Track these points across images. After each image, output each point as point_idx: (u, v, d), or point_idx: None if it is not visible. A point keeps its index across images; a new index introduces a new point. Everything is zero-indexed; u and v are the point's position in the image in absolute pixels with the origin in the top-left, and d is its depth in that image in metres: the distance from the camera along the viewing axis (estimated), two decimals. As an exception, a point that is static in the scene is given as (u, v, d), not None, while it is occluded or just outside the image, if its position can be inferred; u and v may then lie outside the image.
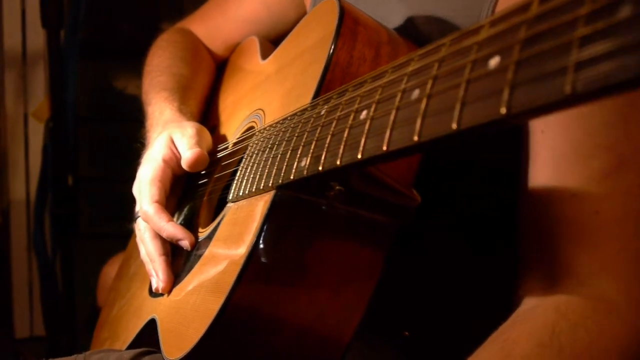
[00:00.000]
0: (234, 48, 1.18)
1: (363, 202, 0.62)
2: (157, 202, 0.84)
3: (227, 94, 1.07)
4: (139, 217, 0.89)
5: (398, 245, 0.65)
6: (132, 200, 0.92)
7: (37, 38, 2.08)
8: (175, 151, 0.88)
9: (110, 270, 1.30)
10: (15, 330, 2.19)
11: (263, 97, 0.86)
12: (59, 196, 1.87)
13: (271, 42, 1.09)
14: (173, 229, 0.82)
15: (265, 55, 0.96)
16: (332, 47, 0.67)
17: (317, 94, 0.65)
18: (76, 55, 1.88)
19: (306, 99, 0.67)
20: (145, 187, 0.85)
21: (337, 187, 0.59)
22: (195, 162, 0.83)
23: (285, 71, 0.81)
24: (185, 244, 0.82)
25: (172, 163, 0.88)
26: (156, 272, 0.83)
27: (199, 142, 0.86)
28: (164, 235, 0.83)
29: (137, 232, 0.90)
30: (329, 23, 0.70)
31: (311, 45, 0.74)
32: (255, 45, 1.05)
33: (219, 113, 1.05)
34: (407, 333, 0.82)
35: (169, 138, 0.88)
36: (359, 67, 0.67)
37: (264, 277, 0.63)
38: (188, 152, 0.83)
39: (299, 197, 0.62)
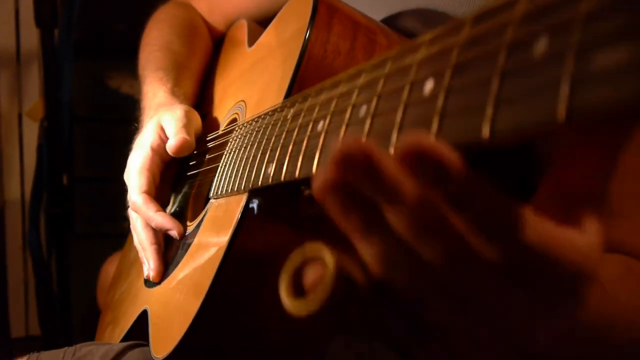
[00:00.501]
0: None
1: None
2: (146, 192, 0.84)
3: (219, 79, 1.07)
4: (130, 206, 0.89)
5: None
6: (127, 198, 0.93)
7: (31, 37, 2.07)
8: (163, 137, 0.88)
9: (110, 268, 1.30)
10: (11, 329, 2.19)
11: (245, 88, 0.86)
12: (54, 196, 1.88)
13: (270, 20, 1.09)
14: (161, 219, 0.83)
15: (252, 41, 0.95)
16: (305, 40, 0.65)
17: (289, 90, 0.64)
18: (70, 55, 1.88)
19: (280, 94, 0.66)
20: (134, 176, 0.86)
21: (307, 192, 0.59)
22: (179, 148, 0.84)
23: (265, 62, 0.80)
24: (174, 233, 0.82)
25: (161, 150, 0.88)
26: (147, 260, 0.84)
27: (186, 126, 0.86)
28: (153, 225, 0.83)
29: (130, 220, 0.90)
30: (304, 14, 0.69)
31: (288, 37, 0.73)
32: (243, 30, 1.04)
33: (212, 98, 1.05)
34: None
35: (158, 124, 0.88)
36: (334, 60, 0.66)
37: (238, 280, 0.63)
38: (173, 139, 0.84)
39: (270, 201, 0.62)
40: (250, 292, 0.64)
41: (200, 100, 1.07)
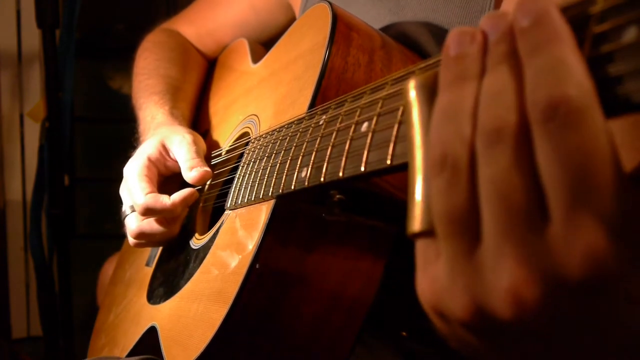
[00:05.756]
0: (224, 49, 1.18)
1: (363, 209, 0.63)
2: (151, 192, 0.83)
3: (217, 97, 1.07)
4: (127, 215, 0.88)
5: (396, 246, 0.66)
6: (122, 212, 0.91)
7: (33, 38, 2.07)
8: (164, 154, 0.88)
9: (110, 268, 1.30)
10: (13, 330, 2.19)
11: (256, 102, 0.86)
12: (55, 196, 1.87)
13: (261, 44, 1.09)
14: (179, 197, 0.82)
15: (256, 58, 0.96)
16: (327, 53, 0.66)
17: (313, 101, 0.65)
18: (72, 56, 1.88)
19: (302, 105, 0.67)
20: (134, 182, 0.84)
21: (338, 196, 0.60)
22: (202, 180, 0.84)
23: (278, 76, 0.81)
24: (196, 195, 0.84)
25: (159, 164, 0.88)
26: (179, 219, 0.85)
27: (198, 152, 0.86)
28: (177, 207, 0.82)
29: (130, 231, 0.88)
30: (322, 28, 0.70)
31: (305, 51, 0.74)
32: (245, 48, 1.05)
33: (210, 117, 1.05)
34: (404, 333, 0.82)
35: (161, 142, 0.88)
36: (354, 73, 0.67)
37: (267, 286, 0.63)
38: (192, 171, 0.83)
39: (299, 206, 0.63)
40: (276, 298, 0.64)
41: (196, 122, 1.07)
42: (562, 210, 0.29)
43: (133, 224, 0.87)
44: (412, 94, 0.36)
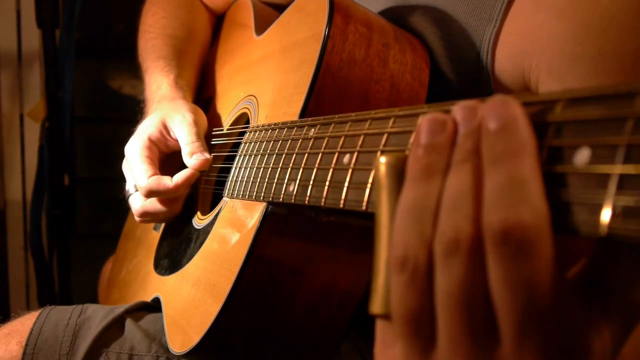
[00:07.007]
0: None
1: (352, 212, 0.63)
2: (154, 174, 0.84)
3: (222, 62, 1.07)
4: (131, 195, 0.90)
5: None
6: (125, 190, 0.93)
7: (33, 38, 2.07)
8: (165, 134, 0.88)
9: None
10: (13, 330, 2.19)
11: (256, 83, 0.86)
12: (55, 196, 1.87)
13: (272, 6, 1.08)
14: (181, 179, 0.83)
15: (259, 28, 0.95)
16: (321, 51, 0.66)
17: (307, 101, 0.65)
18: (72, 56, 1.88)
19: (296, 104, 0.67)
20: (136, 164, 0.86)
21: None
22: (202, 167, 0.85)
23: (276, 60, 0.81)
24: (198, 175, 0.84)
25: (160, 143, 0.89)
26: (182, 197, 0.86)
27: (198, 134, 0.86)
28: (180, 192, 0.84)
29: (134, 210, 0.90)
30: (319, 19, 0.69)
31: (302, 40, 0.74)
32: (248, 12, 1.03)
33: (215, 82, 1.05)
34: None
35: (161, 121, 0.89)
36: (349, 70, 0.67)
37: (258, 285, 0.64)
38: (194, 159, 0.84)
39: (289, 211, 0.64)
40: (268, 296, 0.65)
41: (201, 85, 1.07)
42: (510, 335, 0.30)
43: (137, 203, 0.88)
44: (382, 171, 0.37)
